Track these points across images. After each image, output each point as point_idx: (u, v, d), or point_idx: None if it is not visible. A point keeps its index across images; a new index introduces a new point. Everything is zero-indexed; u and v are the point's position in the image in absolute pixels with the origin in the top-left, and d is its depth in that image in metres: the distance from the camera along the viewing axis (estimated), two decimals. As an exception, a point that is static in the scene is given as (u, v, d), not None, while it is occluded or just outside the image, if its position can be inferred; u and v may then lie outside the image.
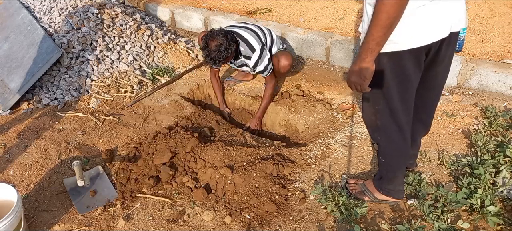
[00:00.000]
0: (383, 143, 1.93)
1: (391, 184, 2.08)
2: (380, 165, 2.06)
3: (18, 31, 3.67)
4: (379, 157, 2.02)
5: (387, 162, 1.99)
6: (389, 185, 2.08)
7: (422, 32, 1.56)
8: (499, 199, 2.10)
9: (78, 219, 2.26)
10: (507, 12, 3.54)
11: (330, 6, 4.09)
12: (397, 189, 2.10)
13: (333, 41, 3.51)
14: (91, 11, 3.87)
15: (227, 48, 2.77)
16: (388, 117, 1.80)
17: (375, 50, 1.50)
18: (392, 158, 1.97)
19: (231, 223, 2.17)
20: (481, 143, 2.42)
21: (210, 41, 2.75)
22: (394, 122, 1.81)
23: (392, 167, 2.01)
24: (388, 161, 1.99)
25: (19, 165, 2.65)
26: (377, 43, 1.48)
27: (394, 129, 1.83)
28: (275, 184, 2.36)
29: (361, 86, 1.61)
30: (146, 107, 3.24)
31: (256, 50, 2.91)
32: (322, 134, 2.81)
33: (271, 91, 3.11)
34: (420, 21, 1.53)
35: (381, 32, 1.45)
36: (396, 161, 1.98)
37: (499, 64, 2.97)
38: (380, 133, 1.90)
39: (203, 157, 2.54)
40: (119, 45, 3.73)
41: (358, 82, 1.60)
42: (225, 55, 2.77)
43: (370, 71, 1.55)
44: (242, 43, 2.93)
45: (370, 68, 1.55)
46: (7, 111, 3.16)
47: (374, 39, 1.47)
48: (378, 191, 2.13)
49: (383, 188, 2.10)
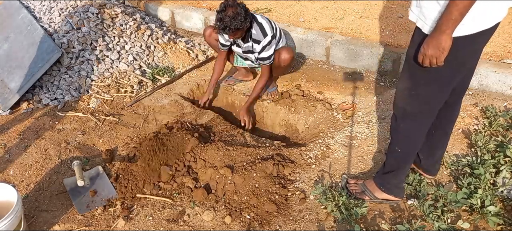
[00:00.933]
0: (405, 131, 1.93)
1: (396, 178, 2.07)
2: (391, 157, 2.05)
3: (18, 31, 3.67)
4: (393, 148, 2.00)
5: (404, 152, 1.99)
6: (394, 179, 2.08)
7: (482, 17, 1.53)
8: (499, 199, 2.10)
9: (78, 219, 2.26)
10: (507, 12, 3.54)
11: (330, 6, 4.09)
12: (400, 186, 2.11)
13: (333, 41, 3.51)
14: (91, 11, 3.87)
15: (243, 20, 2.72)
16: (423, 104, 1.81)
17: (457, 21, 1.47)
18: (410, 147, 1.97)
19: (231, 223, 2.17)
20: (481, 143, 2.42)
21: (229, 7, 2.72)
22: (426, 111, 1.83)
23: (406, 157, 2.01)
24: (404, 151, 1.98)
25: (19, 165, 2.65)
26: (461, 13, 1.44)
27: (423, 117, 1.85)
28: (275, 184, 2.36)
29: (438, 59, 1.57)
30: (146, 107, 3.24)
31: (267, 35, 2.90)
32: (322, 134, 2.81)
33: (263, 84, 3.12)
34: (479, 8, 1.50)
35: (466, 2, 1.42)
36: (412, 151, 1.99)
37: (499, 64, 2.97)
38: (406, 120, 1.90)
39: (203, 157, 2.54)
40: (119, 45, 3.73)
41: (435, 55, 1.56)
42: (237, 25, 2.71)
43: (448, 43, 1.52)
44: (256, 26, 2.91)
45: (448, 40, 1.51)
46: (7, 111, 3.16)
47: (458, 10, 1.43)
48: (379, 189, 2.13)
49: (386, 184, 2.10)
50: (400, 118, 1.93)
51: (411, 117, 1.88)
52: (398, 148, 1.99)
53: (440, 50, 1.54)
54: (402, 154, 2.00)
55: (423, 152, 2.15)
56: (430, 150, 2.14)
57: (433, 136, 2.06)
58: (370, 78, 3.35)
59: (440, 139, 2.13)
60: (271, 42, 2.93)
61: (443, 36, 1.51)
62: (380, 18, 3.75)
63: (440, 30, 1.51)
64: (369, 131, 2.76)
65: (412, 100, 1.82)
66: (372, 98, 3.08)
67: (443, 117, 1.99)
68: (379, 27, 3.61)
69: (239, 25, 2.71)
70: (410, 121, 1.89)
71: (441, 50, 1.54)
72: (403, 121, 1.92)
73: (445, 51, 1.54)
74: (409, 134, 1.94)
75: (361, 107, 3.02)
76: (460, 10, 1.44)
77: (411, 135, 1.94)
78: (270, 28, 2.93)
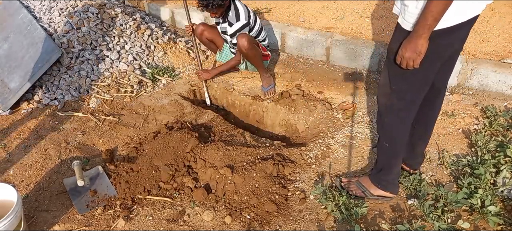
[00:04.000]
0: (390, 124, 1.97)
1: (390, 174, 2.10)
2: (381, 154, 2.09)
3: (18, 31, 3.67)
4: (382, 143, 2.04)
5: (391, 147, 2.02)
6: (388, 175, 2.11)
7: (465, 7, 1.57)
8: (500, 199, 2.10)
9: (78, 219, 2.26)
10: (507, 11, 3.54)
11: (330, 6, 4.08)
12: (394, 182, 2.13)
13: (333, 40, 3.51)
14: (91, 11, 3.87)
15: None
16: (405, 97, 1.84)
17: (432, 26, 1.53)
18: (396, 141, 2.00)
19: (231, 223, 2.17)
20: (482, 143, 2.42)
21: None
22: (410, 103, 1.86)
23: (394, 152, 2.04)
24: (392, 145, 2.02)
25: (19, 165, 2.65)
26: (435, 19, 1.51)
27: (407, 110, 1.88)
28: (275, 184, 2.36)
29: (415, 62, 1.63)
30: (146, 107, 3.24)
31: (240, 20, 3.07)
32: (322, 134, 2.81)
33: (233, 63, 3.34)
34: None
35: (440, 7, 1.47)
36: (399, 144, 2.01)
37: (500, 64, 2.97)
38: (390, 114, 1.94)
39: (203, 157, 2.54)
40: (119, 45, 3.73)
41: (412, 57, 1.62)
42: (218, 3, 2.95)
43: (424, 46, 1.58)
44: (233, 9, 3.09)
45: (425, 44, 1.58)
46: (7, 111, 3.16)
47: (433, 15, 1.49)
48: (374, 186, 2.15)
49: (381, 181, 2.13)
50: (384, 114, 1.97)
51: (393, 112, 1.91)
52: (386, 143, 2.02)
53: (417, 54, 1.61)
54: (391, 149, 2.03)
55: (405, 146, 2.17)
56: (411, 144, 2.16)
57: (414, 131, 2.08)
58: (370, 78, 3.35)
59: (420, 134, 2.16)
60: (243, 29, 3.08)
61: (420, 40, 1.57)
62: (380, 18, 3.74)
63: (417, 34, 1.57)
64: (369, 131, 2.76)
65: (392, 95, 1.86)
66: (372, 98, 3.08)
67: (423, 112, 2.01)
68: (379, 27, 3.61)
69: (221, 3, 2.96)
70: (392, 115, 1.93)
71: (417, 53, 1.61)
72: (386, 116, 1.96)
73: (422, 54, 1.61)
74: (393, 128, 1.98)
75: (361, 107, 3.02)
76: (435, 16, 1.50)
77: (395, 130, 1.98)
78: (246, 16, 3.09)
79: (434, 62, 1.72)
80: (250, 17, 3.14)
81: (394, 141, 2.01)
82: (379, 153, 2.12)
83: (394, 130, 1.98)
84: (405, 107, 1.88)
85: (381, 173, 2.12)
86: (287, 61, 3.74)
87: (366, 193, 2.18)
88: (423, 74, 1.75)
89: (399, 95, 1.85)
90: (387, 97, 1.90)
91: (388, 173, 2.11)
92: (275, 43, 3.88)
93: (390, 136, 2.01)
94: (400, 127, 1.96)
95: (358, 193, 2.19)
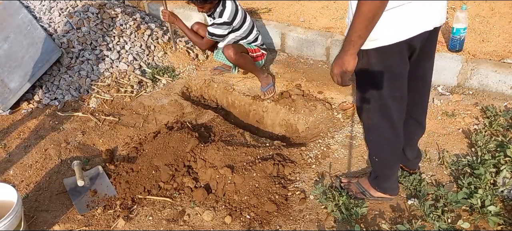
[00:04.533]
0: (375, 142, 1.95)
1: (388, 181, 2.10)
2: (374, 165, 2.07)
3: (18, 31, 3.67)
4: (371, 157, 2.04)
5: (381, 161, 2.01)
6: (385, 183, 2.10)
7: (404, 26, 1.57)
8: (500, 199, 2.10)
9: (78, 219, 2.26)
10: (507, 11, 3.54)
11: (330, 6, 4.08)
12: (393, 186, 2.13)
13: (333, 40, 3.51)
14: (91, 11, 3.87)
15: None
16: (379, 115, 1.82)
17: (357, 43, 1.51)
18: (385, 156, 1.98)
19: (231, 223, 2.17)
20: (482, 143, 2.42)
21: None
22: (386, 120, 1.83)
23: (386, 165, 2.03)
24: (381, 160, 2.00)
25: (19, 165, 2.65)
26: (359, 36, 1.49)
27: (386, 127, 1.85)
28: (275, 184, 2.36)
29: (342, 78, 1.61)
30: (146, 107, 3.24)
31: (222, 18, 3.11)
32: (322, 134, 2.81)
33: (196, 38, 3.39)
34: (401, 16, 1.54)
35: (363, 25, 1.45)
36: (390, 159, 1.99)
37: (500, 64, 2.97)
38: (372, 132, 1.93)
39: (203, 157, 2.54)
40: (119, 45, 3.73)
41: (340, 74, 1.60)
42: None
43: (351, 63, 1.55)
44: (220, 6, 3.13)
45: (351, 60, 1.55)
46: (7, 111, 3.16)
47: (356, 32, 1.48)
48: (373, 188, 2.15)
49: (379, 185, 2.12)
50: (366, 131, 1.96)
51: (373, 128, 1.90)
52: (375, 157, 2.01)
53: (344, 69, 1.57)
54: (381, 162, 2.01)
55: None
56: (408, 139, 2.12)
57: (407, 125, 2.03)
58: (370, 78, 3.35)
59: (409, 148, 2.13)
60: (221, 26, 3.13)
61: (346, 57, 1.54)
62: (380, 18, 3.74)
63: (343, 50, 1.55)
64: (369, 131, 2.75)
65: (367, 113, 1.85)
66: (372, 98, 3.08)
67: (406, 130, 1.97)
68: (379, 27, 3.61)
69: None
70: (373, 132, 1.92)
71: (344, 69, 1.57)
72: (369, 133, 1.95)
73: (348, 70, 1.57)
74: (377, 144, 1.95)
75: (361, 107, 3.02)
76: (358, 33, 1.47)
77: (379, 145, 1.95)
78: (230, 16, 3.12)
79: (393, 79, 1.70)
80: (235, 19, 3.15)
81: (383, 155, 1.99)
82: (372, 165, 2.10)
83: (379, 145, 1.96)
84: (382, 124, 1.85)
85: (378, 179, 2.11)
86: (287, 61, 3.74)
87: (366, 194, 2.17)
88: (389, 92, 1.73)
89: (375, 114, 1.82)
90: (366, 115, 1.88)
91: (385, 181, 2.10)
92: (275, 43, 3.88)
93: (378, 151, 1.99)
94: (384, 143, 1.92)
95: (358, 194, 2.19)
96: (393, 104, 1.79)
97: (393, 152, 1.96)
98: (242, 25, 3.24)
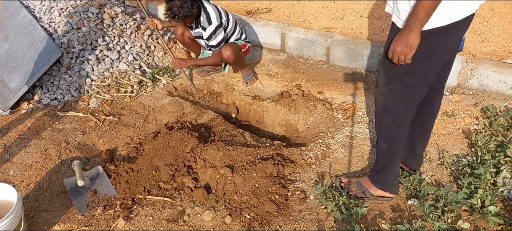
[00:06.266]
0: (387, 124, 1.96)
1: (389, 175, 2.10)
2: (380, 154, 2.08)
3: (18, 31, 3.67)
4: (380, 144, 2.04)
5: (389, 147, 2.01)
6: (387, 176, 2.10)
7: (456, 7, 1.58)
8: (500, 199, 2.10)
9: (78, 219, 2.26)
10: (508, 12, 3.54)
11: (330, 6, 4.08)
12: (394, 182, 2.13)
13: (333, 40, 3.51)
14: (91, 11, 3.87)
15: (189, 8, 2.97)
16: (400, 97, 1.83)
17: (424, 20, 1.53)
18: (394, 143, 1.99)
19: (231, 223, 2.17)
20: (482, 143, 2.42)
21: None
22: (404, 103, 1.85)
23: (392, 152, 2.03)
24: (389, 146, 2.01)
25: (19, 165, 2.65)
26: (427, 13, 1.50)
27: (402, 110, 1.87)
28: (275, 184, 2.36)
29: (406, 57, 1.62)
30: (146, 107, 3.24)
31: (212, 24, 3.11)
32: (322, 134, 2.81)
33: (211, 61, 3.37)
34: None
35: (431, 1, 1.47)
36: (397, 145, 2.01)
37: (500, 64, 2.97)
38: (387, 114, 1.93)
39: (203, 157, 2.54)
40: (119, 45, 3.73)
41: (403, 52, 1.61)
42: (185, 13, 2.96)
43: (416, 41, 1.57)
44: (203, 14, 3.13)
45: (416, 38, 1.57)
46: (7, 111, 3.15)
47: (424, 9, 1.49)
48: (374, 186, 2.15)
49: (380, 181, 2.12)
50: (381, 114, 1.96)
51: (391, 113, 1.90)
52: (384, 144, 2.02)
53: (408, 48, 1.59)
54: (389, 150, 2.02)
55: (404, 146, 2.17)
56: (410, 146, 2.16)
57: (413, 132, 2.08)
58: (370, 78, 3.35)
59: (420, 135, 2.15)
60: (217, 31, 3.13)
61: (411, 34, 1.56)
62: (380, 18, 3.74)
63: (408, 28, 1.56)
64: (369, 131, 2.75)
65: (389, 95, 1.86)
66: (372, 98, 3.07)
67: (422, 113, 2.01)
68: (379, 27, 3.61)
69: (187, 12, 2.97)
70: (389, 116, 1.92)
71: (409, 48, 1.59)
72: (384, 116, 1.95)
73: (413, 48, 1.59)
74: (391, 129, 1.97)
75: (361, 107, 3.02)
76: (426, 10, 1.50)
77: (392, 130, 1.97)
78: (217, 17, 3.13)
79: (429, 62, 1.71)
80: (222, 17, 3.18)
81: (392, 142, 2.00)
82: (378, 154, 2.11)
83: (392, 131, 1.97)
84: (402, 108, 1.87)
85: (380, 174, 2.12)
86: (287, 61, 3.74)
87: (366, 193, 2.18)
88: (420, 74, 1.74)
89: (396, 96, 1.84)
90: (384, 97, 1.89)
91: (387, 174, 2.10)
92: (275, 43, 3.88)
93: (388, 137, 2.00)
94: (397, 128, 1.95)
95: (358, 194, 2.19)
96: (419, 88, 1.81)
97: (402, 138, 1.98)
98: (228, 21, 3.26)
